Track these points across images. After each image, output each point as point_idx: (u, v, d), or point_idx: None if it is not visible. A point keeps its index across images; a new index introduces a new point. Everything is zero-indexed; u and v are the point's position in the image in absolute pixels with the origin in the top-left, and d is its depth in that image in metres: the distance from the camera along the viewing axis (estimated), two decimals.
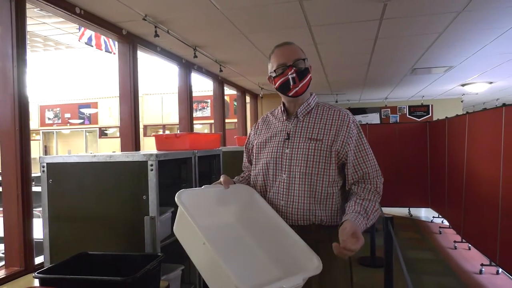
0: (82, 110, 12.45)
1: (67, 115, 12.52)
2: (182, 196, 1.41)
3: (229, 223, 1.51)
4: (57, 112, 12.63)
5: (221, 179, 1.56)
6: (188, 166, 2.58)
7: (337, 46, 4.28)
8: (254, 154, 1.66)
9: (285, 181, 1.51)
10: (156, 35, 3.14)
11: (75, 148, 13.24)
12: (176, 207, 2.57)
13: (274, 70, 1.55)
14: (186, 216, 1.32)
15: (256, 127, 1.74)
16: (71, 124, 12.55)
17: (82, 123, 12.52)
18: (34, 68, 9.49)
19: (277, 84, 1.56)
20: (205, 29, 3.49)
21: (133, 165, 2.04)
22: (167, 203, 2.46)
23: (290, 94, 1.53)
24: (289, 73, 1.50)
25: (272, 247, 1.41)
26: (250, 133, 1.76)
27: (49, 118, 12.49)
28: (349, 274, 1.54)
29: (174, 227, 1.47)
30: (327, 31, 3.69)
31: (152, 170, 2.01)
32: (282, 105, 1.64)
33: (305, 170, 1.47)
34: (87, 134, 13.02)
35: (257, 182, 1.61)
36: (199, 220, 1.32)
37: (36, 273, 1.64)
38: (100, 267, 1.83)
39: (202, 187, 1.55)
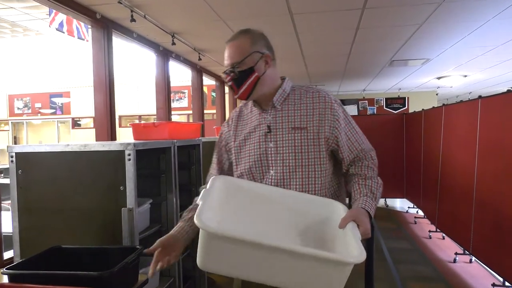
0: (53, 99, 11.99)
1: (38, 105, 12.04)
2: (202, 217, 1.08)
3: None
4: (27, 101, 12.13)
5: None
6: (167, 156, 2.49)
7: (319, 35, 4.24)
8: (234, 155, 1.51)
9: (273, 177, 1.40)
10: (133, 20, 3.01)
11: (46, 139, 12.80)
12: (156, 197, 2.49)
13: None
14: (223, 236, 1.06)
15: (229, 123, 1.57)
16: (42, 114, 12.09)
17: (54, 113, 12.08)
18: (1, 55, 9.03)
19: None
20: (184, 14, 3.37)
21: (110, 154, 1.95)
22: (146, 194, 2.39)
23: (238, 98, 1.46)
24: (227, 80, 1.44)
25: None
26: (222, 131, 1.59)
27: (18, 108, 12.00)
28: None
29: (201, 261, 1.12)
30: (309, 20, 3.62)
31: (129, 160, 1.93)
32: None
33: (295, 163, 1.38)
34: (59, 124, 12.59)
35: None
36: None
37: (4, 269, 1.54)
38: (75, 261, 1.73)
39: (199, 201, 1.20)
